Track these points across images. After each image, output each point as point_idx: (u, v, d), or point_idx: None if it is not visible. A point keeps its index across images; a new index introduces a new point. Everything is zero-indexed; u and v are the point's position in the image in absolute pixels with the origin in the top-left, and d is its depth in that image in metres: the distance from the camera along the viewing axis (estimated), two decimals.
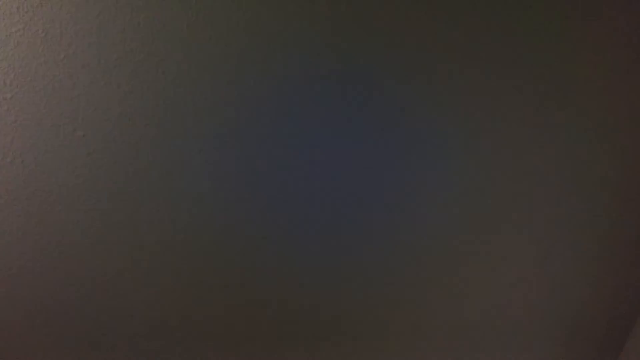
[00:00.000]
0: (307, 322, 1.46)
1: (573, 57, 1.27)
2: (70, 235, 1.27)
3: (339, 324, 1.48)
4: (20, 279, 1.31)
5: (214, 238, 1.33)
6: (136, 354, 1.43)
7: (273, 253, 1.37)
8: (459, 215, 1.39)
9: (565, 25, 1.24)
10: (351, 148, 1.28)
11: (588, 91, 1.30)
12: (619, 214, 1.44)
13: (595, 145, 1.35)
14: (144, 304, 1.38)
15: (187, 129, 1.21)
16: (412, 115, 1.28)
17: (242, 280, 1.38)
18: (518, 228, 1.42)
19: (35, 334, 1.37)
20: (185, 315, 1.41)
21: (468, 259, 1.44)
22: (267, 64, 1.18)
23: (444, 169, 1.34)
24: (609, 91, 1.31)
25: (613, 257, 1.49)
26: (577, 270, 1.49)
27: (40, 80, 1.13)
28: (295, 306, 1.44)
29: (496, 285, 1.48)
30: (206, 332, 1.44)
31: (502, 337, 1.56)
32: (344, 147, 1.28)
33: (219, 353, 1.47)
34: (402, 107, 1.27)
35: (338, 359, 1.52)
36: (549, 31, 1.24)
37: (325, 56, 1.20)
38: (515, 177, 1.36)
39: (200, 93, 1.19)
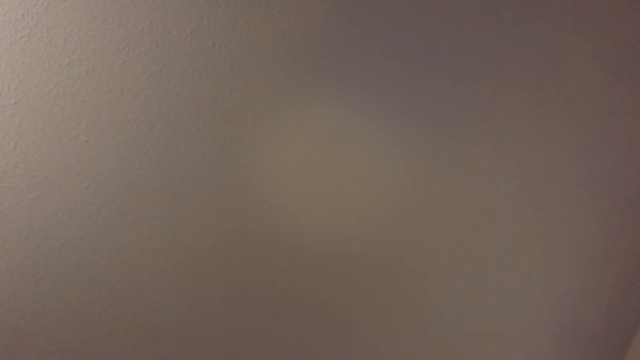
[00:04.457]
0: (309, 324, 1.47)
1: (576, 62, 1.28)
2: (73, 239, 1.28)
3: (341, 327, 1.48)
4: (22, 283, 1.31)
5: (217, 242, 1.33)
6: (136, 358, 1.43)
7: (275, 256, 1.37)
8: (460, 218, 1.39)
9: (569, 30, 1.25)
10: (352, 149, 1.29)
11: (590, 95, 1.31)
12: (621, 218, 1.44)
13: (596, 150, 1.36)
14: (145, 308, 1.38)
15: (190, 135, 1.22)
16: (415, 118, 1.29)
17: (243, 282, 1.39)
18: (519, 232, 1.42)
19: (37, 338, 1.37)
20: (186, 318, 1.41)
21: (469, 263, 1.45)
22: (271, 69, 1.19)
23: (446, 172, 1.34)
24: (610, 95, 1.31)
25: (615, 263, 1.49)
26: (579, 276, 1.49)
27: (45, 85, 1.13)
28: (298, 310, 1.44)
29: (497, 289, 1.49)
30: (207, 336, 1.44)
31: (503, 341, 1.56)
32: (345, 144, 1.29)
33: (219, 356, 1.47)
34: (404, 109, 1.27)
35: None
36: (552, 36, 1.25)
37: (329, 59, 1.20)
38: (517, 181, 1.37)
39: (204, 99, 1.19)
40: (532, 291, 1.50)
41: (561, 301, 1.52)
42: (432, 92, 1.26)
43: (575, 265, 1.48)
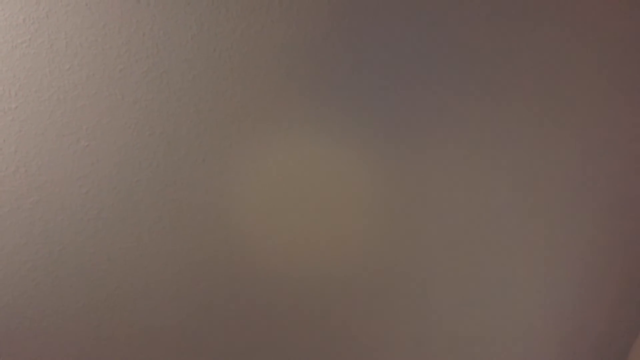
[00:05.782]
0: (309, 331, 1.46)
1: (575, 65, 1.28)
2: (73, 244, 1.28)
3: (342, 334, 1.48)
4: (21, 287, 1.31)
5: (217, 247, 1.33)
6: None
7: (275, 261, 1.37)
8: (459, 223, 1.39)
9: (568, 31, 1.25)
10: (352, 152, 1.29)
11: (589, 98, 1.31)
12: (621, 220, 1.44)
13: (596, 153, 1.36)
14: (145, 313, 1.38)
15: (191, 140, 1.22)
16: (414, 123, 1.29)
17: (243, 287, 1.38)
18: (519, 236, 1.42)
19: (36, 342, 1.37)
20: (185, 323, 1.41)
21: (468, 268, 1.44)
22: (272, 75, 1.19)
23: (445, 176, 1.34)
24: (609, 98, 1.31)
25: (615, 266, 1.49)
26: (580, 279, 1.49)
27: (45, 90, 1.13)
28: (297, 316, 1.44)
29: (497, 293, 1.48)
30: (206, 341, 1.44)
31: (504, 346, 1.55)
32: (345, 152, 1.29)
33: None
34: (404, 114, 1.27)
35: None
36: (551, 38, 1.25)
37: (329, 66, 1.20)
38: (517, 186, 1.37)
39: (204, 104, 1.19)
40: (532, 295, 1.49)
41: (562, 305, 1.51)
42: (431, 97, 1.26)
43: (575, 268, 1.47)
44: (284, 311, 1.42)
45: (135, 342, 1.40)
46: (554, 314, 1.52)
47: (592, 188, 1.39)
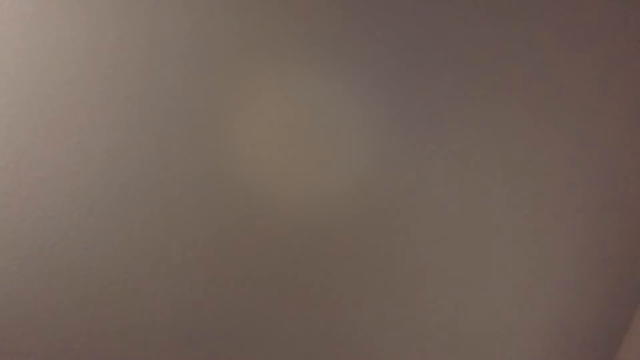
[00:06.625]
0: (305, 329, 1.47)
1: (570, 65, 1.28)
2: (64, 240, 1.27)
3: (334, 329, 1.49)
4: (12, 283, 1.30)
5: (209, 244, 1.33)
6: (128, 359, 1.43)
7: (267, 257, 1.37)
8: (452, 219, 1.40)
9: (564, 31, 1.25)
10: (349, 147, 1.29)
11: (583, 98, 1.32)
12: (612, 219, 1.45)
13: (588, 152, 1.37)
14: (137, 309, 1.38)
15: (184, 136, 1.22)
16: (411, 117, 1.29)
17: (235, 283, 1.39)
18: (511, 233, 1.43)
19: (30, 338, 1.36)
20: (178, 320, 1.41)
21: (461, 264, 1.46)
22: (267, 71, 1.19)
23: (439, 173, 1.35)
24: (603, 98, 1.32)
25: (606, 263, 1.50)
26: (570, 276, 1.50)
27: (37, 86, 1.12)
28: (292, 314, 1.45)
29: (489, 289, 1.50)
30: (199, 336, 1.44)
31: (496, 341, 1.57)
32: (342, 147, 1.29)
33: (211, 357, 1.47)
34: (400, 108, 1.28)
35: None
36: (547, 38, 1.25)
37: (328, 61, 1.20)
38: (512, 183, 1.38)
39: (198, 100, 1.19)
40: (523, 292, 1.51)
41: (552, 302, 1.53)
42: (427, 92, 1.26)
43: (566, 265, 1.49)
44: (277, 307, 1.43)
45: (128, 338, 1.40)
46: (544, 311, 1.54)
47: (584, 187, 1.40)
